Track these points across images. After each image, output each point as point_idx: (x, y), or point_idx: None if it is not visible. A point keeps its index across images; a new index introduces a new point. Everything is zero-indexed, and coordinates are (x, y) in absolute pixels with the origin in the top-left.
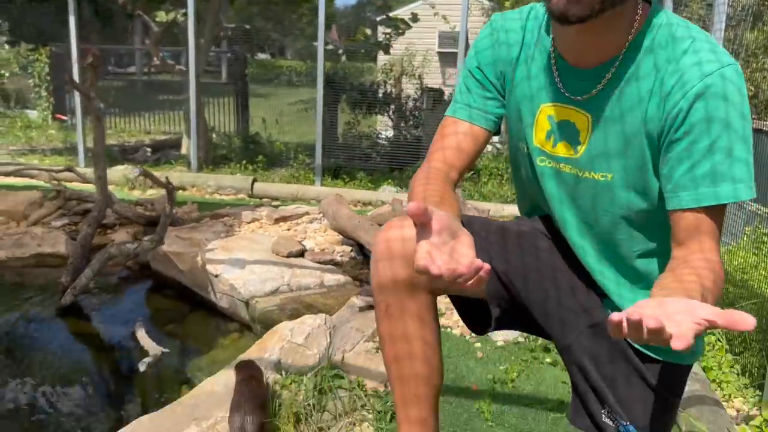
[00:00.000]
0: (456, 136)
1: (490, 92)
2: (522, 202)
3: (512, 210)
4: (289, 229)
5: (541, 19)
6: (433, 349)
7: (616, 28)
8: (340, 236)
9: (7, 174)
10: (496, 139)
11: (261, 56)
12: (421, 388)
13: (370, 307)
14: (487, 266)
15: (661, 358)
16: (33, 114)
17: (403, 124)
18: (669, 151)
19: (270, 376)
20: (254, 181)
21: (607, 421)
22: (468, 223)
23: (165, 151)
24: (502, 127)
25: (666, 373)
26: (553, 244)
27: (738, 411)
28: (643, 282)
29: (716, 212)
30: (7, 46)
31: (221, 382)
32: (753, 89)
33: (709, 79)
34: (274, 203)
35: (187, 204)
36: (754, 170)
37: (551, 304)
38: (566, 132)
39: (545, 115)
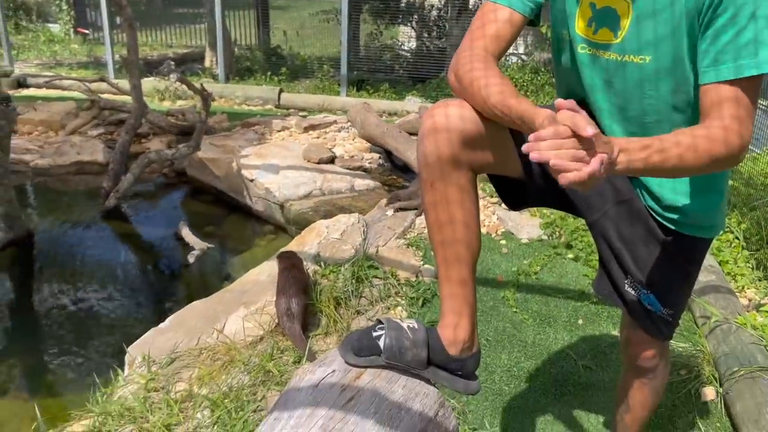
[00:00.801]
0: (496, 23)
1: None
2: (559, 87)
3: None
4: (318, 137)
5: None
6: (472, 216)
7: None
8: (368, 144)
9: (41, 86)
10: (521, 50)
11: None
12: (462, 250)
13: (401, 209)
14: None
15: (681, 231)
16: (55, 28)
17: (426, 35)
18: (709, 26)
19: (310, 267)
20: (281, 91)
21: (630, 290)
22: None
23: (188, 64)
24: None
25: (684, 242)
26: None
27: (750, 300)
28: None
29: (751, 85)
30: None
31: (265, 272)
32: None
33: None
34: (302, 113)
35: (217, 114)
36: None
37: None
38: (608, 18)
39: (587, 2)
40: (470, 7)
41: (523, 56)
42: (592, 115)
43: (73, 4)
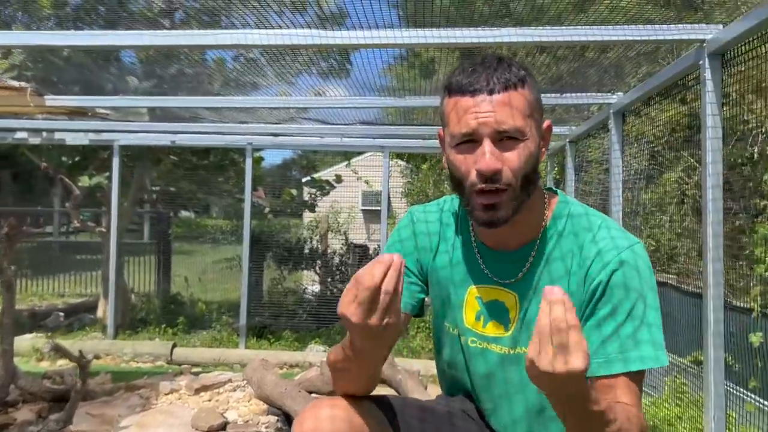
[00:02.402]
0: None
1: (410, 279)
2: (443, 381)
3: None
4: (210, 400)
5: (456, 208)
6: None
7: (529, 216)
8: (266, 405)
9: None
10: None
11: (185, 214)
12: None
13: None
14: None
15: None
16: None
17: (330, 279)
18: (587, 321)
19: None
20: (174, 346)
21: None
22: (383, 399)
23: (80, 315)
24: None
25: None
26: (475, 424)
27: None
28: None
29: (638, 376)
30: None
31: None
32: (654, 243)
33: (624, 253)
34: (195, 369)
35: (100, 374)
36: (663, 322)
37: None
38: (496, 312)
39: (474, 296)
40: (370, 253)
41: (427, 299)
42: (480, 412)
43: None
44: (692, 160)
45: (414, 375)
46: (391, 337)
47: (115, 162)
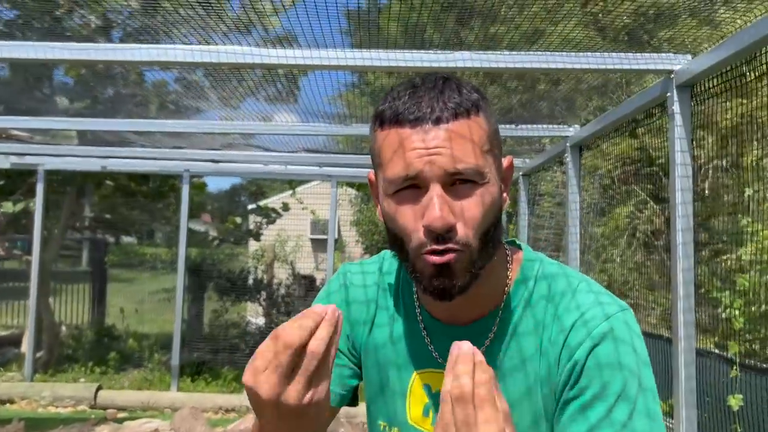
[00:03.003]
0: None
1: (339, 361)
2: None
3: None
4: None
5: (397, 271)
6: None
7: (489, 279)
8: None
9: None
10: None
11: (127, 239)
12: None
13: None
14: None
15: None
16: None
17: (274, 311)
18: (568, 406)
19: None
20: (99, 389)
21: None
22: None
23: (3, 349)
24: None
25: None
26: None
27: None
28: None
29: None
30: None
31: None
32: (607, 278)
33: (613, 320)
34: (121, 415)
35: (12, 422)
36: None
37: None
38: None
39: (420, 384)
40: (317, 284)
41: None
42: None
43: None
44: (643, 194)
45: (358, 427)
46: (315, 421)
47: (40, 187)
